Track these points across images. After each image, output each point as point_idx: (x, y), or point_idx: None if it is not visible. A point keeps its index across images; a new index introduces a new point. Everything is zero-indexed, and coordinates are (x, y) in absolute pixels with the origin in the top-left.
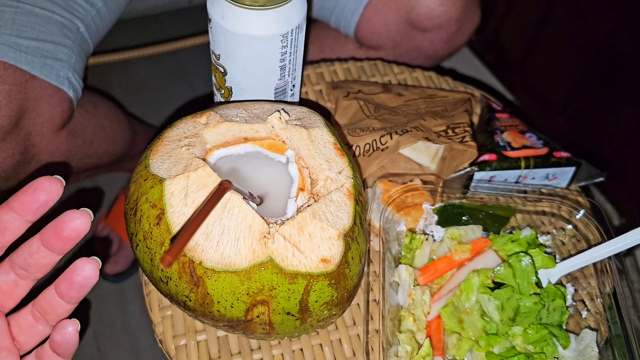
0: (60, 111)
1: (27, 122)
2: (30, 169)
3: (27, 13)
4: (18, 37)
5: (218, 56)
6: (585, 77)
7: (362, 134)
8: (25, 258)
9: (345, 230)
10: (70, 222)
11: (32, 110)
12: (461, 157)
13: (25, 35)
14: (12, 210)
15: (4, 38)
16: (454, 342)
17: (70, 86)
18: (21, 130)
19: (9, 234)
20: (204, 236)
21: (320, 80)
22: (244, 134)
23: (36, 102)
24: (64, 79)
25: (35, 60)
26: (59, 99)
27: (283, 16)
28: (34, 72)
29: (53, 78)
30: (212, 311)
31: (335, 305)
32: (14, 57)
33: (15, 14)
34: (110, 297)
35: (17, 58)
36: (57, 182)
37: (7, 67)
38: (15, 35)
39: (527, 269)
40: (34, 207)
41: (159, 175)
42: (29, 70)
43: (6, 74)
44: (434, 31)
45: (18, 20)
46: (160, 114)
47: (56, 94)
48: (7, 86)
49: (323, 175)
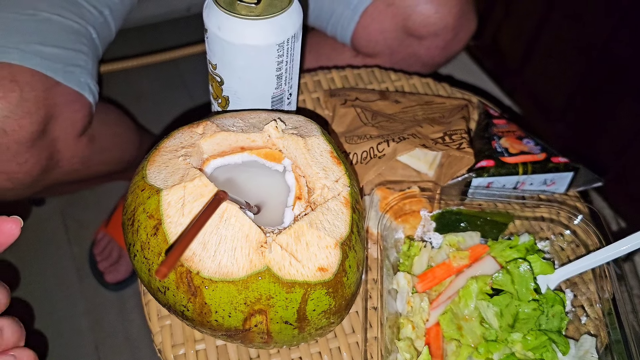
0: (82, 117)
1: (53, 127)
2: (53, 177)
3: (46, 21)
4: (41, 44)
5: (215, 66)
6: (584, 81)
7: (360, 141)
8: None
9: (342, 238)
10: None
11: (58, 116)
12: (458, 163)
13: (48, 42)
14: None
15: (29, 46)
16: (453, 349)
17: (90, 92)
18: (48, 136)
19: None
20: (201, 246)
21: (317, 88)
22: (241, 144)
23: (61, 108)
24: (85, 85)
25: (58, 66)
26: (81, 105)
27: (279, 26)
28: (57, 79)
29: (75, 84)
30: (210, 321)
31: (333, 314)
32: (40, 64)
33: (34, 22)
34: (110, 306)
35: (42, 65)
36: (15, 223)
37: (34, 74)
38: (38, 43)
39: (526, 275)
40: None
41: (156, 185)
42: (53, 76)
43: (34, 81)
44: (430, 38)
45: (38, 28)
46: (159, 122)
47: (78, 100)
48: (35, 93)
49: (320, 184)
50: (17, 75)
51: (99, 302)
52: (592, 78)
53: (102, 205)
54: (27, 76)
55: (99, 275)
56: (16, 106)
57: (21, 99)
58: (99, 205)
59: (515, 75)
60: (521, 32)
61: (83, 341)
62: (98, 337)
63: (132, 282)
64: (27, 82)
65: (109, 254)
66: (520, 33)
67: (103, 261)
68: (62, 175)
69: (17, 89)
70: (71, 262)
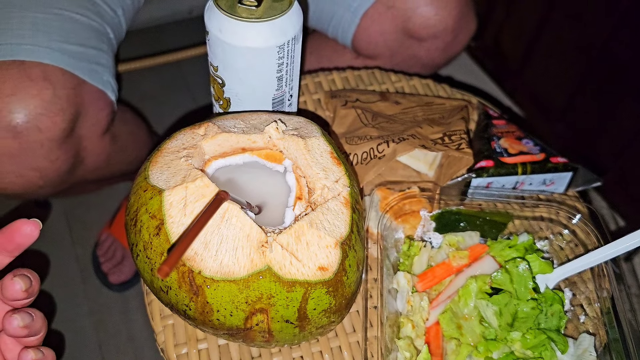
0: (106, 114)
1: (81, 125)
2: (79, 174)
3: (70, 20)
4: (67, 43)
5: (216, 68)
6: (584, 82)
7: (360, 142)
8: None
9: (342, 238)
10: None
11: (85, 114)
12: (458, 164)
13: (73, 41)
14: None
15: (56, 44)
16: (453, 348)
17: (112, 90)
18: (76, 133)
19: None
20: (202, 246)
21: (318, 90)
22: (242, 145)
23: (87, 106)
24: (107, 83)
25: (84, 65)
26: (105, 103)
27: (279, 28)
28: (84, 77)
29: (99, 82)
30: (211, 320)
31: (333, 313)
32: (68, 63)
33: (59, 21)
34: (114, 307)
35: (70, 63)
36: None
37: (64, 72)
38: (64, 42)
39: (525, 274)
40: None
41: (158, 186)
42: (80, 75)
43: (65, 79)
44: (430, 40)
45: (65, 28)
46: (161, 124)
47: (102, 98)
48: (66, 90)
49: (320, 184)
50: (49, 74)
51: (102, 303)
52: (592, 78)
53: (106, 206)
54: (58, 74)
55: (103, 276)
56: (50, 104)
57: (54, 97)
58: (103, 206)
59: (516, 76)
60: (522, 32)
61: (87, 341)
62: (102, 337)
63: (135, 283)
64: (59, 80)
65: (112, 254)
66: (520, 34)
67: (107, 262)
68: (86, 173)
69: (50, 87)
70: (75, 263)
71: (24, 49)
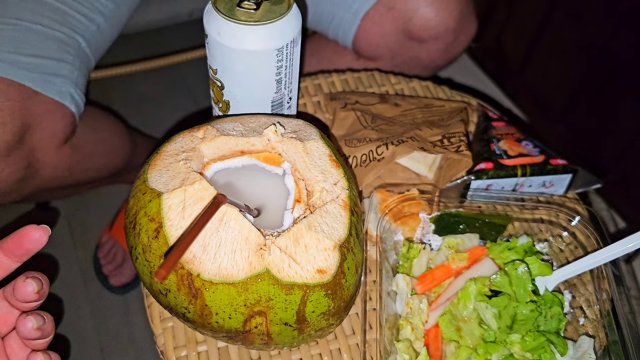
0: (63, 126)
1: (31, 137)
2: (34, 184)
3: (25, 30)
4: (18, 54)
5: (215, 71)
6: (585, 83)
7: (359, 144)
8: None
9: (341, 241)
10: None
11: (36, 125)
12: (457, 166)
13: (25, 52)
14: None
15: (4, 55)
16: (452, 350)
17: (72, 101)
18: (25, 145)
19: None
20: (201, 249)
21: (318, 92)
22: (241, 147)
23: (39, 117)
24: (66, 94)
25: (36, 76)
26: (62, 114)
27: (278, 31)
28: (36, 89)
29: (55, 94)
30: (210, 322)
31: (332, 315)
32: (16, 74)
33: (13, 32)
34: (115, 309)
35: (18, 75)
36: (43, 231)
37: (10, 83)
38: (15, 52)
39: (524, 276)
40: (20, 252)
41: (157, 189)
42: (32, 86)
43: (10, 91)
44: (431, 42)
45: (16, 38)
46: (162, 126)
47: (59, 110)
48: (10, 103)
49: (319, 187)
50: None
51: (103, 305)
52: (593, 79)
53: (106, 209)
54: (2, 86)
55: (104, 278)
56: None
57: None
58: (103, 209)
59: (517, 77)
60: (522, 33)
61: (88, 343)
62: (103, 339)
63: (136, 285)
64: (2, 91)
65: (113, 257)
66: (521, 34)
67: (107, 264)
68: (44, 183)
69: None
70: (76, 265)
71: None
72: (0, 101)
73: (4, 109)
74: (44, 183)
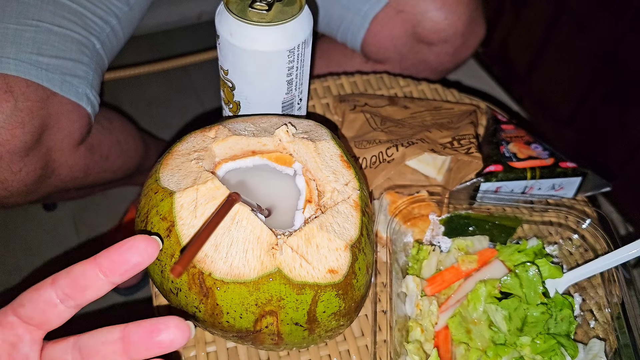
0: (79, 127)
1: (48, 137)
2: (51, 184)
3: (47, 31)
4: (39, 55)
5: (226, 71)
6: (592, 87)
7: (369, 146)
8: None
9: (352, 241)
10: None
11: (53, 126)
12: (467, 168)
13: (46, 53)
14: (99, 268)
15: (25, 56)
16: (462, 352)
17: (88, 102)
18: (43, 145)
19: (89, 292)
20: (213, 248)
21: (327, 94)
22: (252, 147)
23: (57, 118)
24: (83, 95)
25: (56, 77)
26: (78, 115)
27: (289, 32)
28: (54, 89)
29: (72, 94)
30: (221, 322)
31: (342, 316)
32: (36, 75)
33: (35, 33)
34: (121, 311)
35: (38, 75)
36: (155, 244)
37: (30, 84)
38: (36, 53)
39: (534, 278)
40: (123, 269)
41: (169, 188)
42: (50, 87)
43: (29, 91)
44: (440, 45)
45: (38, 39)
46: (170, 128)
47: (75, 110)
48: (30, 103)
49: (330, 187)
50: (12, 86)
51: (109, 306)
52: (600, 84)
53: (113, 210)
54: (22, 86)
55: None
56: (9, 116)
57: (15, 109)
58: (110, 210)
59: (524, 82)
60: (530, 38)
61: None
62: None
63: (142, 287)
64: (22, 92)
65: None
66: (528, 40)
67: None
68: (60, 183)
69: (11, 100)
70: None
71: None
72: (21, 102)
73: (23, 109)
74: (60, 183)
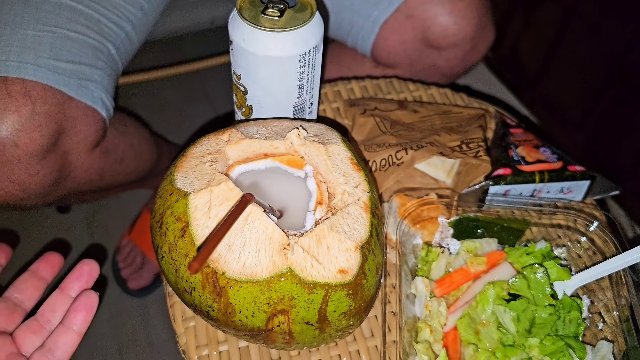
0: (95, 130)
1: (65, 140)
2: (67, 186)
3: (64, 37)
4: (56, 60)
5: (239, 76)
6: (602, 91)
7: (378, 149)
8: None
9: (362, 242)
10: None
11: (69, 129)
12: (475, 171)
13: (62, 58)
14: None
15: (43, 61)
16: (471, 353)
17: (103, 106)
18: (59, 148)
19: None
20: (226, 248)
21: (337, 98)
22: (264, 150)
23: (73, 121)
24: (98, 100)
25: (72, 81)
26: (94, 119)
27: (301, 38)
28: (70, 93)
29: (88, 99)
30: (234, 321)
31: (353, 316)
32: (53, 79)
33: (52, 39)
34: (133, 312)
35: (55, 80)
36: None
37: (47, 89)
38: (53, 59)
39: (542, 280)
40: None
41: (184, 189)
42: (67, 91)
43: (47, 95)
44: (449, 49)
45: (55, 45)
46: (182, 132)
47: (91, 114)
48: (47, 107)
49: (340, 190)
50: (30, 90)
51: (122, 308)
52: (610, 89)
53: (127, 213)
54: (40, 91)
55: (122, 281)
56: (27, 120)
57: (33, 113)
58: (123, 213)
59: (534, 87)
60: (539, 43)
61: (106, 346)
62: (121, 342)
63: (154, 289)
64: (40, 96)
65: (132, 260)
66: (538, 44)
67: (126, 268)
68: (76, 186)
69: (29, 104)
70: None
71: (9, 65)
72: (38, 105)
73: (41, 113)
74: (76, 185)
